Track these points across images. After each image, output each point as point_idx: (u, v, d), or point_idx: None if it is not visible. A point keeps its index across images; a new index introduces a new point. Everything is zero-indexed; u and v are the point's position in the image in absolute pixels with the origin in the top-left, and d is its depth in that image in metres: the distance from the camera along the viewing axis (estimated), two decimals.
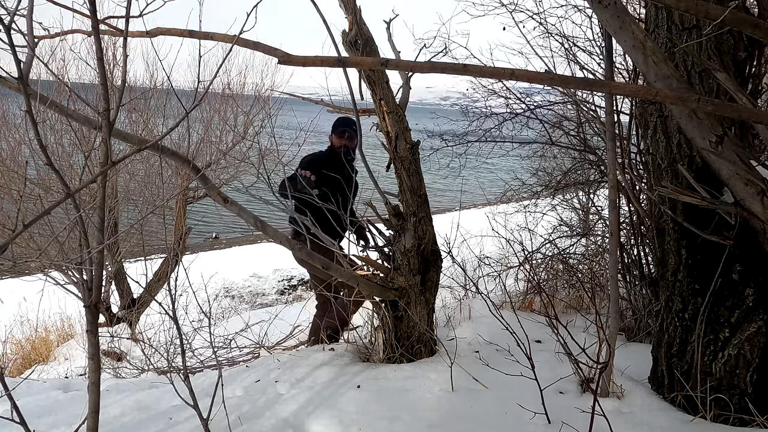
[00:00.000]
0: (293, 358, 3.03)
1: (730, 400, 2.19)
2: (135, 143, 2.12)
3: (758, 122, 1.99)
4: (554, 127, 4.84)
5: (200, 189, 7.25)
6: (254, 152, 7.50)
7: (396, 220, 2.85)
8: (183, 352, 2.05)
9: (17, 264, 5.94)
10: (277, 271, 11.42)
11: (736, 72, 2.16)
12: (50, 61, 6.20)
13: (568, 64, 4.17)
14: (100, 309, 1.67)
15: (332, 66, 1.56)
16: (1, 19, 1.32)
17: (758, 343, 2.16)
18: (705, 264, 2.26)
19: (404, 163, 2.84)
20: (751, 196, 1.94)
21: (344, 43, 2.76)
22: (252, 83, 8.21)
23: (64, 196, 1.42)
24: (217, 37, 1.86)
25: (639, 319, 3.51)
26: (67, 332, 6.65)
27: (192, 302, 4.00)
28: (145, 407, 2.58)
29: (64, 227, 5.01)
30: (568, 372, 2.48)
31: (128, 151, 1.96)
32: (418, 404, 2.38)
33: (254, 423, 2.28)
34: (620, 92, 2.58)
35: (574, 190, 5.12)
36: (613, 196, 2.36)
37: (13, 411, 1.47)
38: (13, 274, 7.35)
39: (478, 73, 2.43)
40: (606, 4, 1.88)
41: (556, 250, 4.58)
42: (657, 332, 2.52)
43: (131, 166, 6.83)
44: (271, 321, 4.34)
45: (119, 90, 1.86)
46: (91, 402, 1.61)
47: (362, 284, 2.79)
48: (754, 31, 1.75)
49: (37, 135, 1.44)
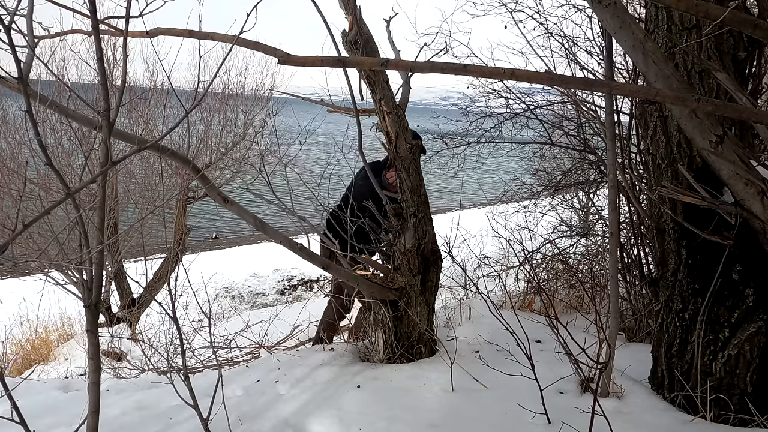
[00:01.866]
0: (293, 358, 3.03)
1: (730, 400, 2.19)
2: (135, 143, 2.12)
3: (758, 122, 1.99)
4: (554, 127, 4.84)
5: (200, 189, 7.25)
6: (254, 152, 7.50)
7: (396, 220, 2.85)
8: (183, 352, 2.05)
9: (17, 264, 5.94)
10: (277, 271, 11.42)
11: (736, 72, 2.16)
12: (50, 61, 6.20)
13: (568, 64, 4.18)
14: (100, 309, 1.67)
15: (332, 66, 1.57)
16: (1, 19, 1.32)
17: (758, 343, 2.16)
18: (705, 264, 2.26)
19: (404, 163, 2.84)
20: (751, 196, 1.94)
21: (344, 43, 2.76)
22: (252, 83, 8.21)
23: (64, 196, 1.42)
24: (217, 37, 1.86)
25: (639, 319, 3.51)
26: (67, 332, 6.65)
27: (192, 302, 3.99)
28: (145, 407, 2.58)
29: (64, 227, 5.01)
30: (568, 372, 2.48)
31: (128, 151, 1.96)
32: (418, 404, 2.38)
33: (254, 423, 2.28)
34: (620, 92, 2.58)
35: (574, 190, 5.13)
36: (613, 196, 2.36)
37: (13, 411, 1.47)
38: (13, 274, 7.35)
39: (478, 73, 2.43)
40: (606, 4, 1.88)
41: (556, 250, 4.59)
42: (657, 332, 2.52)
43: (131, 166, 6.83)
44: (271, 321, 4.34)
45: (119, 90, 1.86)
46: (91, 402, 1.61)
47: (362, 284, 2.79)
48: (754, 31, 1.75)
49: (37, 135, 1.44)
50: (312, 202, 3.34)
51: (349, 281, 2.74)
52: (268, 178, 2.98)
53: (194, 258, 6.77)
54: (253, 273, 11.38)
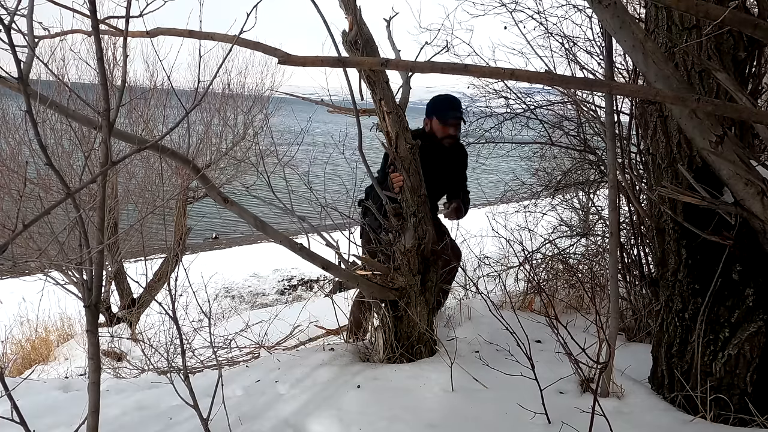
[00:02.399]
0: (293, 358, 3.03)
1: (730, 400, 2.19)
2: (135, 143, 2.12)
3: (758, 122, 1.99)
4: (554, 127, 4.84)
5: (200, 189, 7.25)
6: (254, 153, 7.51)
7: (396, 220, 2.85)
8: (183, 352, 2.05)
9: (17, 264, 5.94)
10: (277, 271, 11.42)
11: (736, 72, 2.16)
12: (50, 61, 6.21)
13: (568, 64, 4.18)
14: (100, 309, 1.67)
15: (332, 66, 1.57)
16: (1, 19, 1.32)
17: (758, 343, 2.16)
18: (705, 264, 2.26)
19: (404, 163, 2.84)
20: (751, 196, 1.94)
21: (344, 43, 2.76)
22: (252, 83, 8.22)
23: (64, 196, 1.42)
24: (218, 37, 1.86)
25: (639, 319, 3.51)
26: (67, 332, 6.66)
27: (192, 302, 4.00)
28: (145, 407, 2.58)
29: (64, 227, 5.01)
30: (568, 372, 2.48)
31: (128, 151, 1.96)
32: (418, 404, 2.38)
33: (254, 423, 2.28)
34: (620, 92, 2.58)
35: (574, 190, 5.13)
36: (613, 196, 2.36)
37: (13, 411, 1.47)
38: (13, 274, 7.36)
39: (479, 74, 2.43)
40: (606, 4, 1.88)
41: (556, 250, 4.58)
42: (657, 332, 2.52)
43: (131, 166, 6.84)
44: (271, 321, 4.33)
45: (119, 90, 1.86)
46: (91, 402, 1.61)
47: (362, 284, 2.79)
48: (754, 31, 1.75)
49: (37, 135, 1.44)
50: (310, 203, 3.33)
51: (349, 281, 2.74)
52: (268, 179, 2.97)
53: (194, 258, 6.78)
54: (253, 273, 11.38)
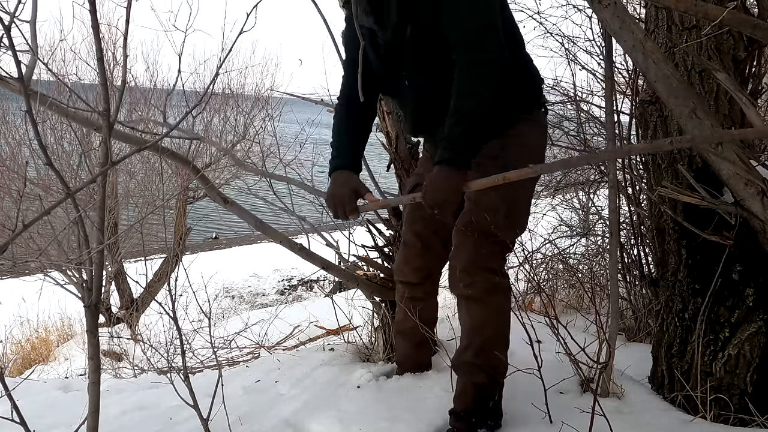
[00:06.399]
0: (293, 358, 3.02)
1: (730, 400, 2.19)
2: (135, 143, 2.12)
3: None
4: (554, 127, 4.84)
5: (200, 189, 7.25)
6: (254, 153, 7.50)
7: (396, 220, 2.84)
8: (183, 352, 2.05)
9: (17, 264, 5.95)
10: (277, 271, 11.43)
11: (736, 72, 2.16)
12: (50, 61, 6.21)
13: (568, 64, 4.18)
14: (100, 309, 1.67)
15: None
16: (1, 20, 1.32)
17: (758, 343, 2.16)
18: (705, 264, 2.26)
19: (404, 164, 2.84)
20: (751, 196, 1.94)
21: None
22: (252, 83, 8.23)
23: (64, 196, 1.42)
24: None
25: (639, 319, 3.51)
26: (67, 332, 6.66)
27: (192, 302, 4.00)
28: (145, 407, 2.58)
29: (64, 227, 5.01)
30: (568, 372, 2.48)
31: (128, 151, 1.96)
32: (418, 404, 2.38)
33: (254, 423, 2.28)
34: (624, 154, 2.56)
35: (574, 190, 5.12)
36: (613, 196, 2.36)
37: (13, 411, 1.47)
38: (13, 274, 7.36)
39: None
40: (606, 4, 1.88)
41: (556, 250, 4.58)
42: (657, 332, 2.52)
43: (131, 166, 6.84)
44: (271, 321, 4.34)
45: (119, 90, 1.86)
46: (91, 402, 1.61)
47: (362, 284, 2.79)
48: (753, 31, 1.75)
49: (37, 135, 1.43)
50: (312, 203, 3.33)
51: (349, 281, 2.74)
52: (269, 179, 2.97)
53: (194, 258, 6.78)
54: (253, 273, 11.39)
